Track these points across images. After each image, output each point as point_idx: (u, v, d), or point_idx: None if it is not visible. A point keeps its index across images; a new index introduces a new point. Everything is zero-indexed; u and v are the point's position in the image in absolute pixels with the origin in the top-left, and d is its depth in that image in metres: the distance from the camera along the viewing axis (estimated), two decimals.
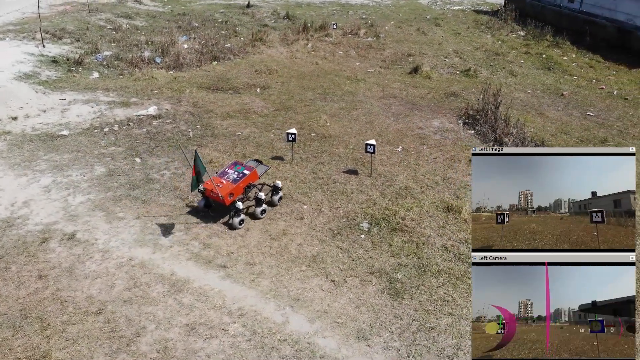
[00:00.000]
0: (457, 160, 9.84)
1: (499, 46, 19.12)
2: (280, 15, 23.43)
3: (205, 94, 13.28)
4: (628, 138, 11.14)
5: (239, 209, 7.71)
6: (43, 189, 8.62)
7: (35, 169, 9.21)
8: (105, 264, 6.93)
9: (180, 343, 5.68)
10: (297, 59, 17.05)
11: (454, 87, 14.27)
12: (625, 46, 18.00)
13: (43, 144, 10.15)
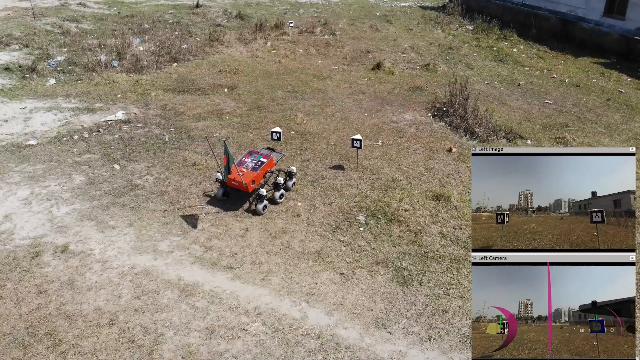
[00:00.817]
0: (436, 151, 10.20)
1: (451, 40, 19.82)
2: (232, 14, 23.20)
3: (172, 96, 13.01)
4: (587, 123, 11.91)
5: (262, 195, 7.98)
6: (22, 202, 8.21)
7: (9, 182, 8.75)
8: (107, 274, 6.72)
9: (203, 347, 5.63)
10: (258, 57, 16.98)
11: (417, 81, 14.70)
12: (568, 36, 19.13)
13: (12, 155, 9.65)
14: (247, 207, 8.26)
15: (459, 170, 9.50)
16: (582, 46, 18.29)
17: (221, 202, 8.38)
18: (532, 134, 11.16)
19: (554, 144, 10.61)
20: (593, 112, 12.59)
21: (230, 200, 8.43)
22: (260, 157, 8.54)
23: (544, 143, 10.66)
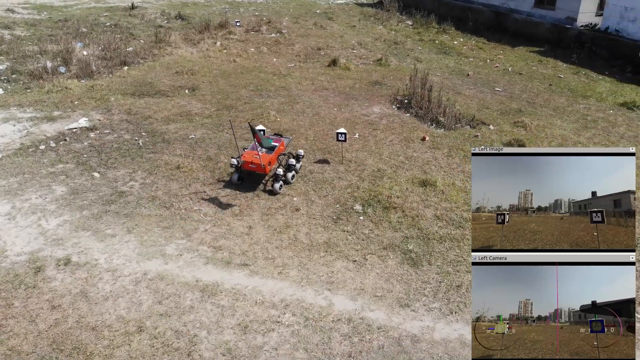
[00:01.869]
0: (411, 141, 10.68)
1: (394, 36, 20.56)
2: (172, 15, 22.70)
3: (133, 100, 12.66)
4: (537, 107, 12.89)
5: (278, 175, 8.57)
6: (5, 217, 7.79)
7: None
8: (120, 282, 6.57)
9: (240, 342, 5.70)
10: (211, 57, 16.82)
11: (374, 76, 15.20)
12: (502, 28, 20.44)
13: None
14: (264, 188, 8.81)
15: (436, 157, 10.03)
16: (516, 36, 19.62)
17: (217, 202, 8.37)
18: (492, 119, 11.94)
19: (514, 127, 11.42)
20: (540, 97, 13.63)
21: (226, 199, 8.44)
22: (272, 141, 9.04)
23: (505, 127, 11.45)
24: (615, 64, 16.20)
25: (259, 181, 9.01)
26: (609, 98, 13.67)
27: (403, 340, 5.81)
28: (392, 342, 5.79)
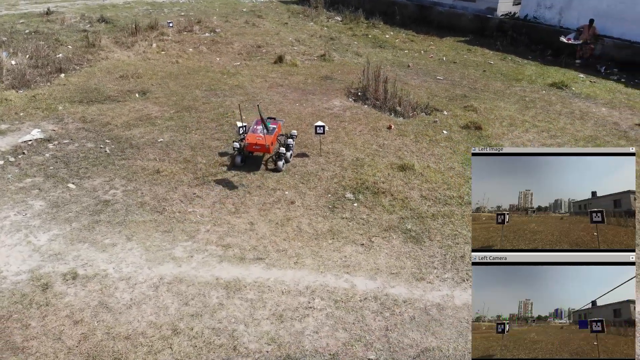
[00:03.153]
0: (378, 130, 11.20)
1: (327, 32, 21.07)
2: (94, 18, 21.66)
3: (84, 108, 12.11)
4: (479, 92, 13.92)
5: (281, 154, 9.31)
6: None
7: None
8: (138, 289, 6.45)
9: (281, 331, 5.86)
10: (151, 60, 16.35)
11: (322, 71, 15.58)
12: (427, 20, 21.63)
13: None
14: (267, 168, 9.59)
15: (406, 143, 10.61)
16: (441, 28, 20.87)
17: (210, 202, 8.36)
18: (443, 106, 12.77)
19: (465, 111, 12.31)
20: (479, 83, 14.72)
21: (218, 198, 8.44)
22: (269, 124, 9.60)
23: (457, 112, 12.30)
24: (536, 48, 17.79)
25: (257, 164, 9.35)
26: (539, 80, 15.06)
27: (430, 310, 6.25)
28: (420, 312, 6.21)
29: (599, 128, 11.65)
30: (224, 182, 8.98)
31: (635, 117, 12.40)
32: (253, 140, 9.29)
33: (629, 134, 11.43)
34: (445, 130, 11.23)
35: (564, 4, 17.68)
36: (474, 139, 10.87)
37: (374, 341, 5.76)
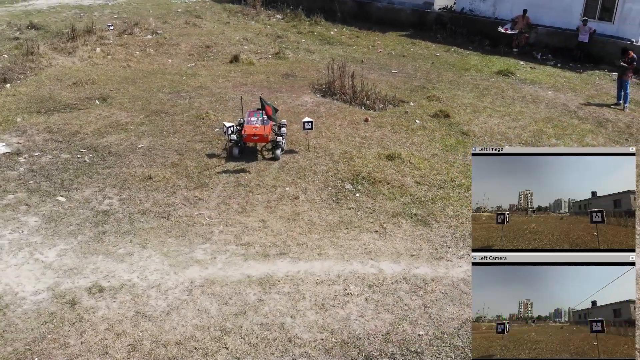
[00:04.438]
0: (356, 123, 11.54)
1: (272, 30, 21.10)
2: (22, 25, 20.30)
3: (45, 118, 11.47)
4: (434, 82, 14.64)
5: (279, 143, 9.66)
6: None
7: None
8: (171, 295, 6.37)
9: (328, 318, 6.04)
10: (98, 65, 15.66)
11: (281, 69, 15.66)
12: (366, 16, 22.21)
13: None
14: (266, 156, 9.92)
15: (385, 134, 11.05)
16: (381, 23, 21.53)
17: (214, 203, 8.31)
18: (407, 97, 13.34)
19: (430, 101, 12.95)
20: (432, 74, 15.48)
21: (221, 199, 8.40)
22: (263, 114, 9.67)
23: (423, 102, 12.92)
24: (475, 39, 18.91)
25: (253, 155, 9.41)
26: (485, 69, 16.09)
27: (458, 285, 6.69)
28: (450, 288, 6.63)
29: (552, 110, 12.73)
30: (222, 183, 8.94)
31: (579, 98, 13.64)
32: (251, 131, 9.50)
33: (578, 113, 12.59)
34: (418, 120, 11.79)
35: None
36: (446, 126, 11.51)
37: (417, 318, 6.09)
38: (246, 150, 9.95)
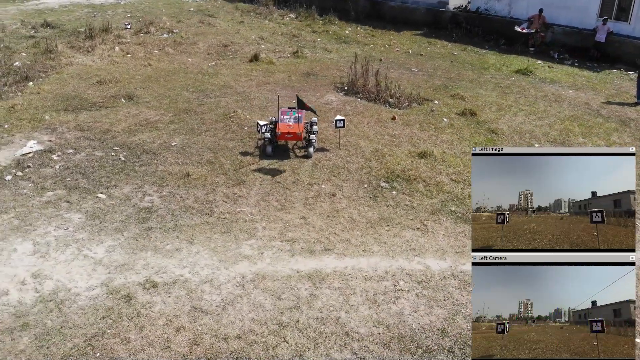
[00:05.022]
0: (383, 121, 11.62)
1: (287, 29, 21.17)
2: (37, 24, 20.33)
3: (74, 116, 11.53)
4: (456, 81, 14.72)
5: (311, 141, 9.76)
6: (36, 255, 6.92)
7: None
8: (225, 290, 6.43)
9: (382, 313, 6.12)
10: (119, 64, 15.72)
11: (301, 68, 15.74)
12: (379, 15, 22.30)
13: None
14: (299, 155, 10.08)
15: (414, 132, 11.12)
16: (394, 22, 21.61)
17: (253, 200, 8.37)
18: (431, 95, 13.42)
19: (454, 100, 13.03)
20: (452, 73, 15.57)
21: (260, 196, 8.47)
22: (295, 112, 9.93)
23: (447, 101, 13.00)
24: (490, 38, 19.01)
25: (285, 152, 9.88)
26: (503, 68, 16.18)
27: None
28: None
29: (575, 108, 12.82)
30: (259, 180, 9.01)
31: (599, 97, 13.73)
32: (285, 129, 9.63)
33: (601, 112, 12.68)
34: (445, 118, 11.87)
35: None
36: (473, 124, 11.59)
37: (470, 313, 6.16)
38: (278, 148, 10.01)
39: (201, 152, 9.96)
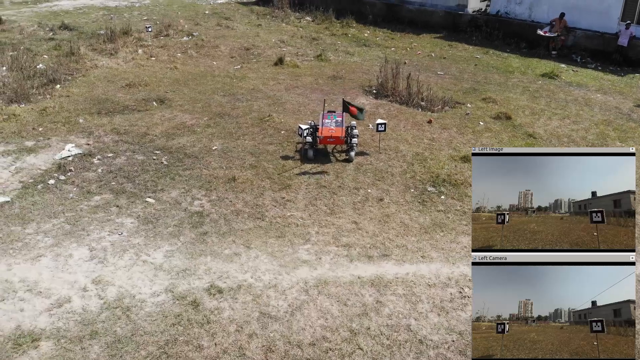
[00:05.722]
0: (420, 124, 11.59)
1: (305, 32, 21.13)
2: (55, 26, 20.29)
3: (108, 119, 11.48)
4: (483, 84, 14.70)
5: (353, 145, 9.68)
6: (93, 261, 6.86)
7: (41, 245, 7.11)
8: (290, 295, 6.39)
9: (452, 321, 6.07)
10: (144, 66, 15.68)
11: (327, 71, 15.71)
12: (397, 18, 22.28)
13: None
14: (342, 158, 10.05)
15: (453, 136, 11.10)
16: (413, 25, 21.60)
17: (301, 204, 8.32)
18: (461, 99, 13.40)
19: (486, 103, 13.01)
20: (478, 76, 15.55)
21: (308, 200, 8.42)
22: (336, 116, 10.06)
23: (480, 104, 12.98)
24: (511, 42, 18.98)
25: (326, 156, 9.65)
26: (528, 71, 16.17)
27: None
28: None
29: (606, 112, 12.81)
30: (304, 184, 8.97)
31: (628, 101, 13.73)
32: (328, 134, 9.63)
33: (632, 116, 12.67)
34: (481, 121, 11.84)
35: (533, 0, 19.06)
36: (510, 128, 11.56)
37: None
38: (318, 152, 9.97)
39: (243, 156, 9.91)
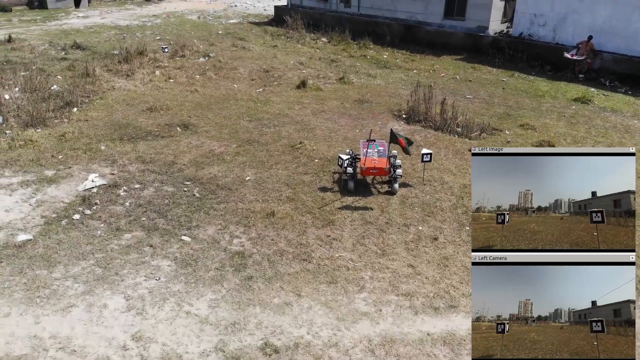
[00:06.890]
0: (461, 152, 10.99)
1: (323, 54, 20.69)
2: (67, 45, 19.84)
3: (131, 146, 10.87)
4: (516, 109, 14.15)
5: (397, 177, 9.14)
6: (132, 312, 6.18)
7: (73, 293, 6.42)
8: (353, 356, 5.70)
9: None
10: (163, 89, 15.14)
11: (351, 94, 15.17)
12: (415, 39, 21.88)
13: (15, 259, 7.03)
14: (385, 190, 9.49)
15: None
16: (432, 46, 21.18)
17: (349, 244, 7.68)
18: (497, 124, 12.83)
19: (524, 130, 12.45)
20: (509, 100, 15.02)
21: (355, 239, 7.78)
22: (378, 145, 9.37)
23: (518, 131, 12.41)
24: (535, 64, 18.52)
25: (367, 188, 8.52)
26: (558, 95, 15.66)
27: None
28: None
29: None
30: (348, 220, 8.34)
31: None
32: (371, 165, 8.96)
33: None
34: None
35: (558, 22, 18.64)
36: None
37: None
38: (358, 183, 9.36)
39: (278, 187, 9.28)
